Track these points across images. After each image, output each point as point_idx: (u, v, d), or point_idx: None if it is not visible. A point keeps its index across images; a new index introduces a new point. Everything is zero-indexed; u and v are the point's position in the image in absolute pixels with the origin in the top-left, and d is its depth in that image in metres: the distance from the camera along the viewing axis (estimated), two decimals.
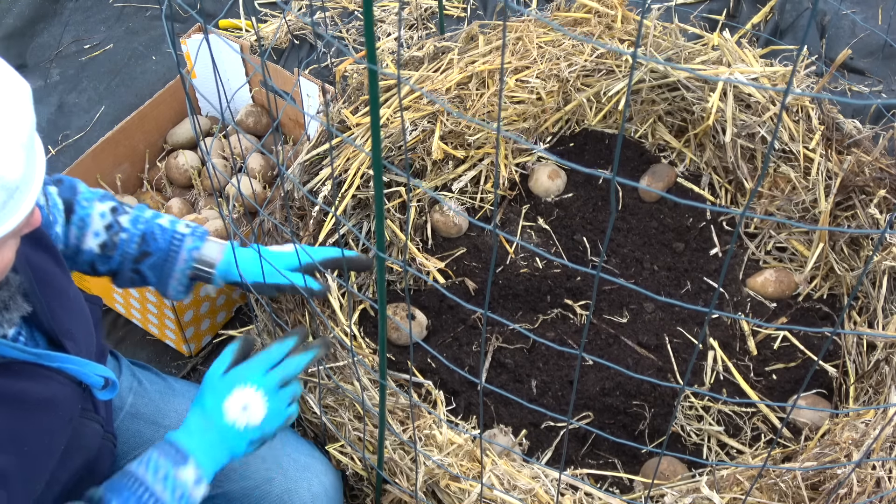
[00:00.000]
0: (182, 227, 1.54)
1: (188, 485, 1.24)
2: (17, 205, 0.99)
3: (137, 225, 1.51)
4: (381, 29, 2.82)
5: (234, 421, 1.29)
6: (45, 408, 1.17)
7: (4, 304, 1.14)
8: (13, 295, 1.15)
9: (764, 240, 2.10)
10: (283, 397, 1.34)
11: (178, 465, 1.24)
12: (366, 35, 0.75)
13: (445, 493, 1.50)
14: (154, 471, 1.23)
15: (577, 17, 2.19)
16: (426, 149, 2.04)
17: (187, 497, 1.24)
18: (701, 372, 1.90)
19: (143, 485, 1.22)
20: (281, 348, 1.38)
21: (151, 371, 1.64)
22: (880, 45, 2.72)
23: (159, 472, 1.23)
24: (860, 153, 1.94)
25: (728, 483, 1.55)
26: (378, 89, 0.83)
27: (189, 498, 1.24)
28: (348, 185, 1.94)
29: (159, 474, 1.23)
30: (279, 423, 1.34)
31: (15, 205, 0.99)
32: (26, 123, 0.98)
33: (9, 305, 1.14)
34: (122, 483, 1.23)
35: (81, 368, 1.23)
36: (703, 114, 2.10)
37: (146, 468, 1.24)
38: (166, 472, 1.23)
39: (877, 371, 1.76)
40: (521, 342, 1.92)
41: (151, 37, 2.92)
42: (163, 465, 1.24)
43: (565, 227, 2.12)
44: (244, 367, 1.34)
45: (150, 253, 1.51)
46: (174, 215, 2.25)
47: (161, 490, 1.22)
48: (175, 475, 1.24)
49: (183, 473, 1.24)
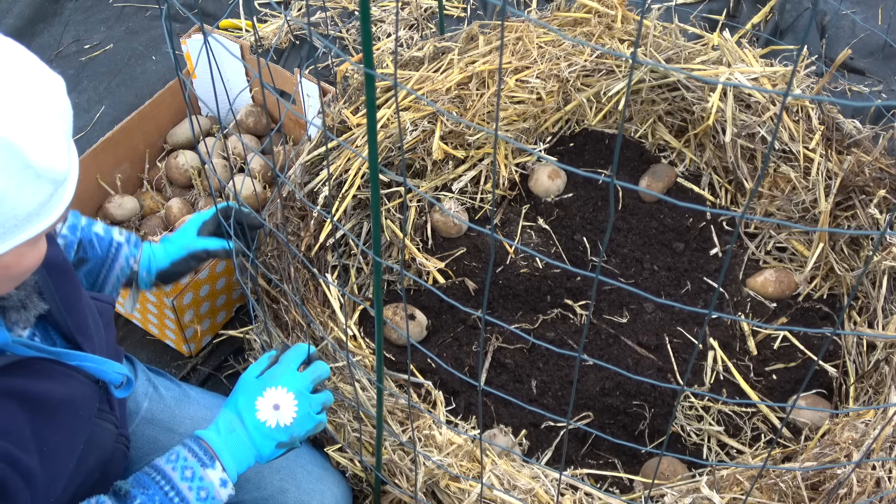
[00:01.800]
0: (117, 234, 1.58)
1: (214, 485, 1.25)
2: (61, 197, 1.00)
3: (75, 232, 1.52)
4: (382, 29, 2.82)
5: (265, 420, 1.31)
6: (66, 407, 1.17)
7: (22, 303, 1.15)
8: (29, 294, 1.16)
9: (764, 240, 2.10)
10: (314, 402, 1.35)
11: (205, 466, 1.25)
12: (363, 39, 0.75)
13: (445, 493, 1.50)
14: (181, 469, 1.24)
15: (577, 17, 2.19)
16: (426, 149, 2.04)
17: (212, 498, 1.25)
18: (701, 372, 1.90)
19: (169, 482, 1.23)
20: (303, 348, 1.40)
21: (167, 377, 1.65)
22: (880, 45, 2.72)
23: (186, 471, 1.24)
24: (860, 153, 1.94)
25: (728, 483, 1.55)
26: (375, 94, 0.83)
27: (213, 499, 1.25)
28: (349, 185, 1.94)
29: (186, 473, 1.24)
30: (308, 428, 1.34)
31: (59, 197, 1.00)
32: (66, 115, 1.00)
33: (26, 304, 1.15)
34: (148, 479, 1.24)
35: (100, 366, 1.24)
36: (703, 114, 2.10)
37: (174, 466, 1.25)
38: (193, 472, 1.24)
39: (877, 371, 1.76)
40: (521, 342, 1.92)
41: (151, 37, 2.92)
42: (190, 464, 1.25)
43: (565, 227, 2.12)
44: (276, 370, 1.36)
45: (86, 260, 1.53)
46: (175, 213, 2.26)
47: (187, 489, 1.23)
48: (202, 475, 1.25)
49: (209, 474, 1.25)
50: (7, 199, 0.93)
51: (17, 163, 0.92)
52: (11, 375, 1.10)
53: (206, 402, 1.62)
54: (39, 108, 0.95)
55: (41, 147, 0.94)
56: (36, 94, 0.95)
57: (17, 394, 1.09)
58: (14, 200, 0.93)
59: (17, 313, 1.14)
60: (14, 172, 0.92)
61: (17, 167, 0.92)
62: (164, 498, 1.22)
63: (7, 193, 0.92)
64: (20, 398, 1.10)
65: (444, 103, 2.05)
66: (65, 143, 0.98)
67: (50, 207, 0.99)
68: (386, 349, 1.91)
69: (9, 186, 0.92)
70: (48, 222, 0.99)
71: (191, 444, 1.28)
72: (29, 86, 0.95)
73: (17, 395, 1.09)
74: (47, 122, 0.95)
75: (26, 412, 1.10)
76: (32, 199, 0.95)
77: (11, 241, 0.97)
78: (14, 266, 1.01)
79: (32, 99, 0.95)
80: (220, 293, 2.07)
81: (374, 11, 2.86)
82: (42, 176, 0.95)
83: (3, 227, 0.94)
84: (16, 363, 1.11)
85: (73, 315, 1.24)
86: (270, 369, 1.37)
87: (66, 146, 0.98)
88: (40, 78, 0.97)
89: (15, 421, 1.08)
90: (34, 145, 0.93)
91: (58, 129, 0.97)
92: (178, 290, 1.92)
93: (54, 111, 0.97)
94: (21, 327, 1.15)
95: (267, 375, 1.36)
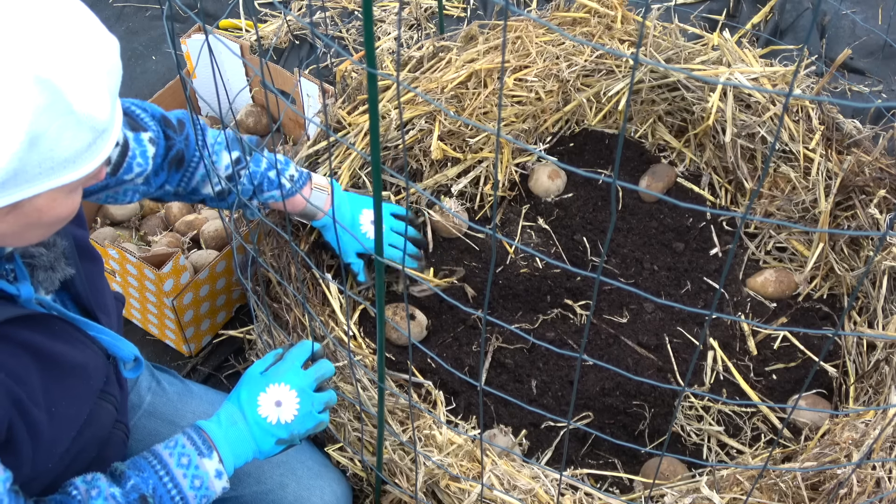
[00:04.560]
0: (286, 181, 1.67)
1: (209, 475, 1.26)
2: (100, 149, 1.02)
3: (252, 181, 1.63)
4: (381, 29, 2.82)
5: (266, 416, 1.32)
6: (78, 373, 1.19)
7: (51, 265, 1.17)
8: (58, 257, 1.18)
9: (764, 240, 2.10)
10: (316, 401, 1.36)
11: (202, 455, 1.26)
12: (365, 37, 0.75)
13: (445, 493, 1.50)
14: (178, 456, 1.26)
15: (577, 17, 2.19)
16: (423, 149, 2.04)
17: (205, 488, 1.26)
18: (701, 372, 1.90)
19: (165, 466, 1.24)
20: (308, 345, 1.41)
21: (170, 374, 1.67)
22: (880, 45, 2.72)
23: (183, 458, 1.25)
24: (860, 153, 1.94)
25: (728, 483, 1.55)
26: (377, 93, 0.83)
27: (207, 489, 1.26)
28: (342, 183, 1.94)
29: (182, 460, 1.25)
30: (309, 427, 1.35)
31: (97, 148, 1.01)
32: (115, 73, 1.02)
33: (55, 266, 1.18)
34: (145, 462, 1.25)
35: (114, 341, 1.25)
36: (703, 114, 2.10)
37: (171, 452, 1.26)
38: (189, 460, 1.25)
39: (877, 371, 1.76)
40: (522, 342, 1.92)
41: (151, 37, 2.92)
42: (187, 452, 1.26)
43: (565, 227, 2.12)
44: (280, 366, 1.37)
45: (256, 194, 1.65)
46: (175, 213, 2.26)
47: (181, 476, 1.24)
48: (198, 464, 1.26)
49: (206, 464, 1.26)
50: (46, 139, 0.94)
51: (59, 106, 0.94)
52: (30, 329, 1.12)
53: (209, 398, 1.63)
54: (88, 60, 0.97)
55: (85, 94, 0.95)
56: (86, 46, 0.97)
57: (32, 348, 1.11)
58: (53, 142, 0.95)
59: (44, 273, 1.16)
60: (56, 115, 0.94)
61: (60, 110, 0.94)
62: (157, 482, 1.23)
63: (47, 134, 0.94)
64: (35, 353, 1.12)
65: (442, 103, 2.05)
66: (108, 96, 1.00)
67: (88, 157, 1.00)
68: (386, 349, 1.91)
69: (49, 128, 0.94)
70: (85, 171, 1.01)
71: (190, 433, 1.29)
72: (80, 37, 0.97)
73: (32, 350, 1.11)
74: (94, 73, 0.97)
75: (40, 369, 1.12)
76: (71, 144, 0.97)
77: (47, 184, 0.98)
78: (47, 211, 1.02)
79: (82, 50, 0.97)
80: (220, 293, 2.07)
81: (374, 11, 2.86)
82: (83, 122, 0.96)
83: (40, 167, 0.96)
84: (35, 318, 1.13)
85: (95, 292, 1.26)
86: (275, 366, 1.38)
87: (109, 99, 1.00)
88: (94, 33, 1.00)
89: (29, 373, 1.10)
90: (78, 91, 0.95)
91: (103, 82, 0.99)
92: (178, 290, 1.92)
93: (102, 66, 0.99)
94: (45, 290, 1.18)
95: (271, 372, 1.36)
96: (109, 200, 1.52)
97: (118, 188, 1.49)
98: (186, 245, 2.17)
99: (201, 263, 2.05)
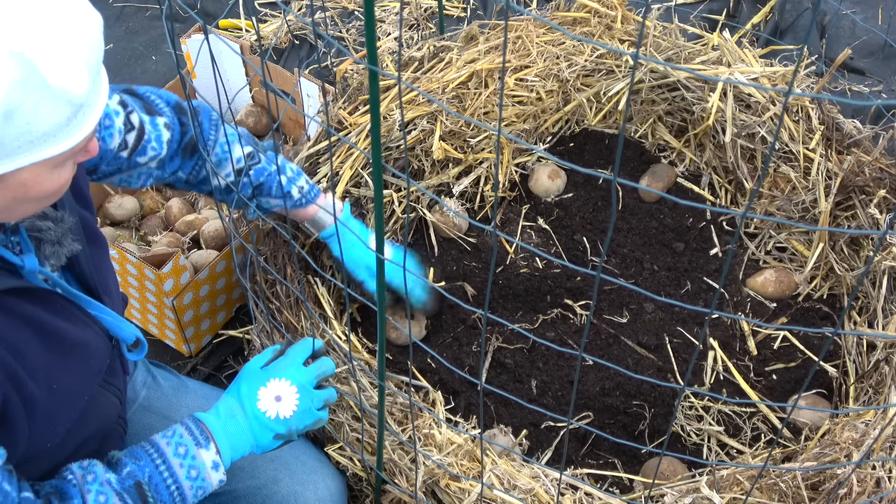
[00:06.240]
0: (296, 191, 1.67)
1: (205, 466, 1.26)
2: (81, 123, 1.02)
3: (259, 177, 1.62)
4: (381, 29, 2.82)
5: (265, 410, 1.32)
6: (79, 353, 1.19)
7: (58, 239, 1.18)
8: (66, 233, 1.19)
9: (764, 240, 2.10)
10: (316, 398, 1.36)
11: (199, 445, 1.26)
12: (367, 36, 0.76)
13: (445, 492, 1.50)
14: (175, 445, 1.26)
15: (577, 16, 2.19)
16: (425, 149, 2.04)
17: (202, 478, 1.26)
18: (701, 372, 1.90)
19: (161, 455, 1.24)
20: (309, 342, 1.41)
21: (166, 369, 1.67)
22: (880, 45, 2.72)
23: (180, 448, 1.25)
24: (860, 153, 1.94)
25: (728, 483, 1.55)
26: (379, 91, 0.83)
27: (203, 480, 1.26)
28: (343, 183, 1.94)
29: (180, 450, 1.25)
30: (307, 423, 1.35)
31: (78, 123, 1.02)
32: (94, 47, 1.02)
33: (62, 241, 1.18)
34: (142, 451, 1.25)
35: (116, 322, 1.26)
36: (703, 114, 2.10)
37: (168, 441, 1.26)
38: (186, 450, 1.25)
39: (877, 371, 1.76)
40: (521, 342, 1.92)
41: (151, 37, 2.92)
42: (185, 442, 1.26)
43: (565, 227, 2.12)
44: (281, 362, 1.37)
45: (262, 195, 1.64)
46: (175, 213, 2.26)
47: (178, 465, 1.24)
48: (195, 454, 1.26)
49: (203, 454, 1.26)
50: (22, 113, 0.95)
51: (34, 80, 0.94)
52: (32, 304, 1.12)
53: (204, 393, 1.63)
54: (65, 34, 0.97)
55: (60, 68, 0.96)
56: (65, 21, 0.98)
57: (35, 322, 1.12)
58: (29, 115, 0.95)
59: (51, 247, 1.17)
60: (31, 89, 0.94)
61: (34, 84, 0.94)
62: (153, 471, 1.23)
63: (22, 108, 0.94)
64: (37, 327, 1.12)
65: (444, 102, 2.05)
66: (86, 71, 1.00)
67: (69, 131, 1.01)
68: (385, 349, 1.91)
69: (24, 101, 0.94)
70: (66, 145, 1.01)
71: (189, 424, 1.29)
72: (58, 13, 0.98)
73: (34, 324, 1.12)
74: (71, 48, 0.98)
75: (41, 343, 1.12)
76: (48, 118, 0.97)
77: (27, 158, 0.98)
78: (33, 186, 1.03)
79: (60, 25, 0.97)
80: (220, 293, 2.07)
81: (375, 11, 2.86)
82: (58, 96, 0.97)
83: (18, 140, 0.96)
84: (37, 293, 1.14)
85: (99, 273, 1.27)
86: (276, 361, 1.38)
87: (87, 73, 1.00)
88: (73, 9, 1.00)
89: (29, 346, 1.11)
90: (53, 65, 0.95)
91: (82, 56, 0.99)
92: (178, 290, 1.92)
93: (81, 41, 0.99)
94: (51, 266, 1.18)
95: (272, 367, 1.36)
96: (123, 183, 1.53)
97: (132, 171, 1.50)
98: (186, 245, 2.17)
99: (201, 263, 2.05)
